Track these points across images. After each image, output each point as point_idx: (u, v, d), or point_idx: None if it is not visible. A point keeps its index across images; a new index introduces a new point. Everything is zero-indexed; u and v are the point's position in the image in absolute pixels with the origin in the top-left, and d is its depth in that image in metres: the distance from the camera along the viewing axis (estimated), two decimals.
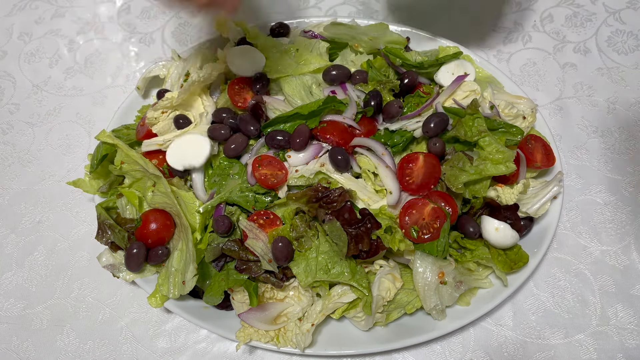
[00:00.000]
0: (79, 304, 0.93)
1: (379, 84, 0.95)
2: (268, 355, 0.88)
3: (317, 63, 0.98)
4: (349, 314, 0.83)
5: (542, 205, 0.88)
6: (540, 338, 0.85)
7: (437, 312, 0.82)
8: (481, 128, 0.84)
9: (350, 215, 0.80)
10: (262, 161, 0.87)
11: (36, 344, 0.90)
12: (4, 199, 1.05)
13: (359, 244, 0.79)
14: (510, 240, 0.82)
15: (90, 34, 1.26)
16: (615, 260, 0.91)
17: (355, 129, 0.90)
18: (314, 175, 0.86)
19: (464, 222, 0.84)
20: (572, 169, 1.01)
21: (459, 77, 0.96)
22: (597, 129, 1.05)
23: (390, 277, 0.82)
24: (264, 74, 0.96)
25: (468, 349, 0.85)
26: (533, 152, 0.92)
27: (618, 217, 0.95)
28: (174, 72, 1.04)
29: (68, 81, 1.19)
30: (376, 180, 0.86)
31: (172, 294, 0.82)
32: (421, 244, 0.80)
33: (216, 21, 1.09)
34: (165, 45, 1.23)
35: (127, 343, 0.89)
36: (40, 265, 0.97)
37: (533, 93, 1.10)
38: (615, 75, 1.11)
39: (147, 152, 0.91)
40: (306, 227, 0.82)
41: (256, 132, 0.90)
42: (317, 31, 1.07)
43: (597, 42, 1.16)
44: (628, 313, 0.86)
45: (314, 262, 0.80)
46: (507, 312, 0.88)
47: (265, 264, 0.81)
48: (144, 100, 1.07)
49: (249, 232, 0.83)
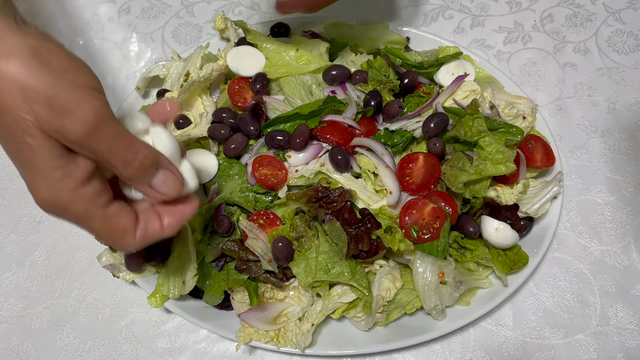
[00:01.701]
0: (79, 304, 0.93)
1: (379, 84, 0.95)
2: (268, 355, 0.88)
3: (317, 63, 0.98)
4: (349, 314, 0.83)
5: (542, 205, 0.88)
6: (540, 338, 0.85)
7: (437, 312, 0.82)
8: (481, 128, 0.84)
9: (350, 215, 0.80)
10: (262, 161, 0.87)
11: (36, 344, 0.90)
12: (4, 199, 1.05)
13: (359, 244, 0.79)
14: (510, 241, 0.82)
15: (90, 34, 1.26)
16: (615, 260, 0.91)
17: (355, 129, 0.90)
18: (314, 175, 0.86)
19: (464, 222, 0.84)
20: (572, 169, 1.01)
21: (459, 77, 0.96)
22: (597, 129, 1.05)
23: (390, 277, 0.82)
24: (264, 74, 0.96)
25: (468, 349, 0.85)
26: (533, 152, 0.92)
27: (618, 217, 0.95)
28: (174, 72, 1.04)
29: None
30: (376, 180, 0.86)
31: (172, 294, 0.82)
32: (421, 244, 0.80)
33: (216, 21, 1.09)
34: (165, 45, 1.23)
35: (127, 343, 0.89)
36: (40, 265, 0.97)
37: (533, 93, 1.10)
38: (615, 75, 1.11)
39: None
40: (306, 227, 0.82)
41: (256, 132, 0.90)
42: (317, 31, 1.07)
43: (597, 42, 1.16)
44: (628, 313, 0.86)
45: (313, 262, 0.80)
46: (507, 312, 0.88)
47: (265, 264, 0.81)
48: (144, 100, 1.07)
49: (249, 232, 0.83)
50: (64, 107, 0.50)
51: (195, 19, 1.27)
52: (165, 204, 0.61)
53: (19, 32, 0.51)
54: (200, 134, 0.92)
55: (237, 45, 1.03)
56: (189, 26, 1.26)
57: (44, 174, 0.52)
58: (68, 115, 0.50)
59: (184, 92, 0.92)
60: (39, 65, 0.50)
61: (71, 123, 0.50)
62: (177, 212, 0.61)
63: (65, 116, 0.50)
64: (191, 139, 0.92)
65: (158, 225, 0.60)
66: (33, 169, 0.52)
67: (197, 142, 0.94)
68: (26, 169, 0.53)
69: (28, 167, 0.53)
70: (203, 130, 0.92)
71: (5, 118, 0.50)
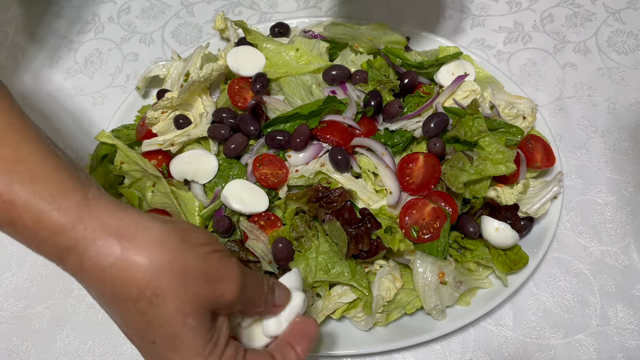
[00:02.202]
0: (79, 304, 0.93)
1: (379, 84, 0.95)
2: None
3: (317, 63, 0.98)
4: (349, 314, 0.83)
5: (542, 205, 0.88)
6: (541, 338, 0.85)
7: (437, 312, 0.82)
8: (481, 128, 0.84)
9: (350, 215, 0.80)
10: (262, 160, 0.87)
11: (36, 344, 0.90)
12: None
13: (359, 244, 0.79)
14: (510, 241, 0.82)
15: (90, 34, 1.26)
16: (615, 260, 0.91)
17: (355, 129, 0.90)
18: (314, 175, 0.86)
19: (464, 222, 0.84)
20: (572, 169, 1.01)
21: (459, 77, 0.96)
22: (597, 129, 1.05)
23: (390, 277, 0.82)
24: (264, 74, 0.96)
25: (468, 349, 0.85)
26: (533, 152, 0.92)
27: (618, 217, 0.95)
28: (174, 72, 1.04)
29: (68, 81, 1.19)
30: (376, 180, 0.86)
31: None
32: (421, 244, 0.80)
33: (216, 21, 1.09)
34: (165, 45, 1.23)
35: (127, 343, 0.89)
36: (40, 265, 0.97)
37: (533, 93, 1.10)
38: (615, 75, 1.11)
39: (147, 152, 0.91)
40: (306, 227, 0.82)
41: (256, 132, 0.90)
42: (317, 31, 1.07)
43: (597, 42, 1.16)
44: (628, 313, 0.86)
45: (313, 262, 0.80)
46: (507, 312, 0.88)
47: (265, 264, 0.81)
48: (144, 100, 1.07)
49: (249, 233, 0.83)
50: (217, 277, 0.53)
51: (195, 19, 1.27)
52: (290, 334, 0.62)
53: (154, 219, 0.53)
54: (200, 134, 0.92)
55: (237, 45, 1.03)
56: (189, 26, 1.26)
57: (196, 351, 0.52)
58: (220, 283, 0.53)
59: (184, 92, 0.92)
60: (188, 247, 0.52)
61: (224, 289, 0.53)
62: (304, 336, 0.62)
63: (219, 284, 0.53)
64: (191, 139, 0.92)
65: (294, 354, 0.61)
66: (184, 348, 0.52)
67: (197, 142, 0.94)
68: (173, 350, 0.52)
69: (177, 348, 0.52)
70: (203, 130, 0.92)
71: (166, 309, 0.50)
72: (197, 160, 0.89)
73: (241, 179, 0.87)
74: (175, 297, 0.50)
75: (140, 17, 1.28)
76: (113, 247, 0.49)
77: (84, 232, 0.49)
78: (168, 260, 0.50)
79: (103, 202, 0.52)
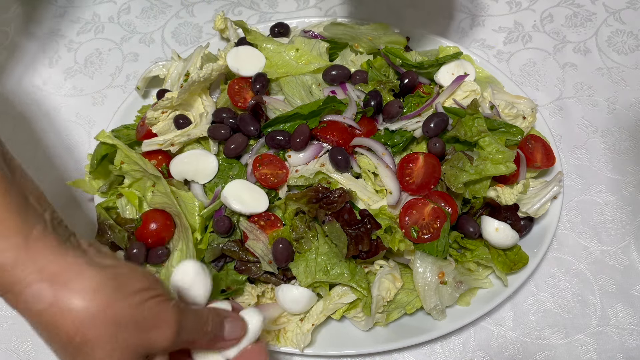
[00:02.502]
0: None
1: (379, 84, 0.95)
2: None
3: (317, 63, 0.98)
4: (349, 314, 0.83)
5: (542, 205, 0.88)
6: (541, 338, 0.85)
7: (437, 312, 0.82)
8: (481, 128, 0.84)
9: (350, 216, 0.80)
10: (262, 160, 0.87)
11: (36, 344, 0.90)
12: None
13: (359, 245, 0.79)
14: (510, 241, 0.82)
15: (90, 34, 1.26)
16: (615, 260, 0.91)
17: (355, 129, 0.90)
18: (314, 175, 0.86)
19: (464, 222, 0.84)
20: (572, 169, 1.01)
21: (459, 77, 0.96)
22: (597, 129, 1.05)
23: (390, 277, 0.82)
24: (264, 74, 0.96)
25: (468, 349, 0.85)
26: (533, 152, 0.92)
27: (618, 217, 0.95)
28: (174, 72, 1.04)
29: (68, 81, 1.19)
30: (376, 180, 0.86)
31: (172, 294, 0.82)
32: (421, 244, 0.80)
33: (216, 21, 1.09)
34: (165, 45, 1.23)
35: None
36: None
37: (533, 93, 1.10)
38: (615, 75, 1.11)
39: (147, 152, 0.91)
40: (306, 228, 0.82)
41: (256, 132, 0.90)
42: (317, 31, 1.07)
43: (597, 42, 1.16)
44: (628, 313, 0.86)
45: (313, 263, 0.80)
46: (507, 312, 0.88)
47: (265, 265, 0.81)
48: (144, 100, 1.07)
49: (249, 233, 0.83)
50: (151, 324, 0.53)
51: (195, 19, 1.27)
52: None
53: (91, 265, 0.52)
54: (200, 134, 0.92)
55: (237, 45, 1.03)
56: (189, 26, 1.26)
57: None
58: (154, 330, 0.53)
59: (183, 92, 0.92)
60: (121, 296, 0.52)
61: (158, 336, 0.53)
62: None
63: (152, 332, 0.53)
64: (191, 139, 0.92)
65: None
66: None
67: (197, 142, 0.94)
68: None
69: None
70: (203, 130, 0.92)
71: (94, 356, 0.50)
72: (197, 160, 0.89)
73: (241, 179, 0.87)
74: (106, 345, 0.50)
75: (140, 17, 1.28)
76: (46, 292, 0.50)
77: (22, 274, 0.50)
78: (100, 309, 0.50)
79: (44, 244, 0.51)
